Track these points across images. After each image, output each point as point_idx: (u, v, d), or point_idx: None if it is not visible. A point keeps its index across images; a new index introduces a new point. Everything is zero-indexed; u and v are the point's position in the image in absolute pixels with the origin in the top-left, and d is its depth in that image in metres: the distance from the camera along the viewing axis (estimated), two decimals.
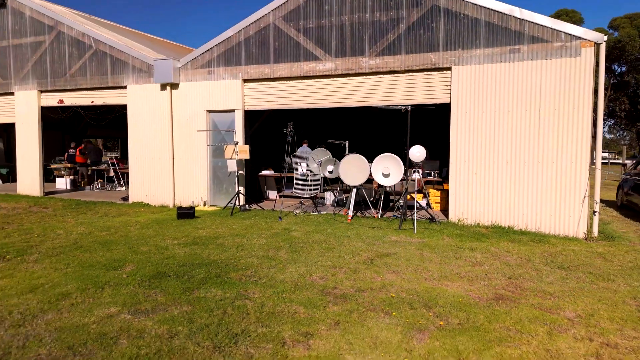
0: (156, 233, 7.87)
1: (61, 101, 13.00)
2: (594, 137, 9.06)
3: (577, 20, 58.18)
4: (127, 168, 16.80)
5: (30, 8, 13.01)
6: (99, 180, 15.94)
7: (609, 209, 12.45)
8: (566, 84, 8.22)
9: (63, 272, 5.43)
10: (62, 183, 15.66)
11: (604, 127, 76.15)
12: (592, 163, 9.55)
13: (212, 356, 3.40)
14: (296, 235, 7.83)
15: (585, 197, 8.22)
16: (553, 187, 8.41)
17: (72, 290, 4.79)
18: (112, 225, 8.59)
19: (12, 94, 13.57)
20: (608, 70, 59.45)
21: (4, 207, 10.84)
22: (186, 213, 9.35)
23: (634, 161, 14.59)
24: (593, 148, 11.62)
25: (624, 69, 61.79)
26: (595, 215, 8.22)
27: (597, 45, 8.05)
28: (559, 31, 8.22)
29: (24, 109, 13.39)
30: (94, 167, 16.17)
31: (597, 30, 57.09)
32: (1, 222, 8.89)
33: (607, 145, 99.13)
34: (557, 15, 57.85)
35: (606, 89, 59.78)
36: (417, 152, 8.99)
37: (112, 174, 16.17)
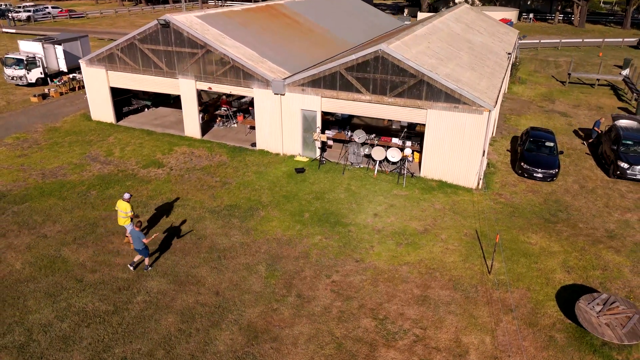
0: (297, 189, 19.00)
1: (210, 88, 22.72)
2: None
3: None
4: (236, 110, 26.83)
5: (187, 32, 21.79)
6: (219, 119, 26.19)
7: (508, 163, 23.37)
8: (475, 125, 18.44)
9: (287, 216, 16.81)
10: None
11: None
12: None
13: (350, 253, 15.00)
14: (354, 189, 19.01)
15: (477, 172, 19.17)
16: (465, 165, 19.27)
17: (300, 225, 16.24)
18: (274, 180, 19.61)
19: (177, 79, 23.12)
20: None
21: (203, 156, 21.66)
22: (300, 170, 20.31)
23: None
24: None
25: None
26: (480, 179, 19.31)
27: (490, 111, 18.07)
28: (475, 102, 18.12)
29: (185, 89, 23.14)
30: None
31: None
32: (223, 174, 19.91)
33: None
34: None
35: None
36: (408, 149, 19.54)
37: (223, 113, 26.33)
